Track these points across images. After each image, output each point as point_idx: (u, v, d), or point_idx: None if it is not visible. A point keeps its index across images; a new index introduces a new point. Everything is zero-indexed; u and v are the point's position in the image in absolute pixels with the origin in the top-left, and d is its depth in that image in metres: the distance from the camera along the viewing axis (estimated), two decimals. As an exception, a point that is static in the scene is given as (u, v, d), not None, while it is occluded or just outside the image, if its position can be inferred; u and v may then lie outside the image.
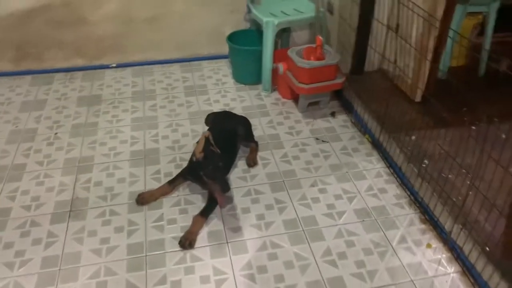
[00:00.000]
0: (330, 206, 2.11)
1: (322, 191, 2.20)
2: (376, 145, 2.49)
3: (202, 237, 1.95)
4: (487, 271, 1.69)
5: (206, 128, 2.55)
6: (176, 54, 3.40)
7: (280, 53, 2.90)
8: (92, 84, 3.13)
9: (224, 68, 3.33)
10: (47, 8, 3.02)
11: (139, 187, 2.23)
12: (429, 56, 2.47)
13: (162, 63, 3.38)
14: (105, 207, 2.11)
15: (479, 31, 2.94)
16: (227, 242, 1.93)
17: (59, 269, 1.82)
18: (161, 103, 2.93)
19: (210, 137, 2.04)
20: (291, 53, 2.68)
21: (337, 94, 2.89)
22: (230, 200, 2.14)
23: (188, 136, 2.60)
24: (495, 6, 2.75)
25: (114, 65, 3.33)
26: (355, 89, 2.80)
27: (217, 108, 2.83)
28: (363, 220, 2.03)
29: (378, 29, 2.71)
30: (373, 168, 2.35)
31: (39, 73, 3.23)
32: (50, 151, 2.49)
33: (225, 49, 3.35)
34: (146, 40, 3.30)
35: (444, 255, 1.86)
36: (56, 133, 2.63)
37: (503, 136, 2.36)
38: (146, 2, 3.15)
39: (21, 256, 1.87)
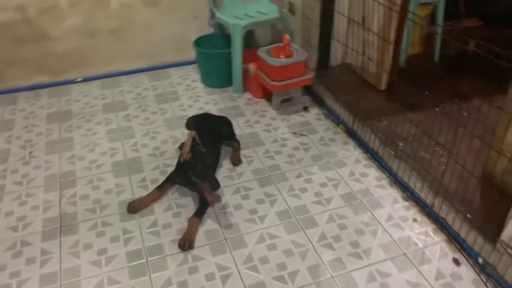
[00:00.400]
0: (317, 194, 2.20)
1: (308, 181, 2.29)
2: (351, 133, 2.61)
3: (200, 237, 1.99)
4: (471, 236, 1.84)
5: (186, 133, 2.59)
6: (142, 63, 3.39)
7: (247, 54, 2.98)
8: (59, 100, 3.07)
9: (192, 74, 3.37)
10: (7, 25, 2.94)
11: (128, 196, 2.22)
12: (391, 45, 2.63)
13: (128, 74, 3.36)
14: (96, 219, 2.09)
15: (430, 20, 3.16)
16: (225, 239, 1.97)
17: (60, 285, 1.79)
18: (134, 112, 2.92)
19: (197, 137, 2.08)
20: (261, 53, 2.76)
21: (307, 90, 3.00)
22: (218, 198, 2.18)
23: (167, 142, 2.62)
24: (445, -5, 2.97)
25: (79, 79, 3.28)
26: (323, 83, 2.93)
27: (191, 112, 2.86)
28: (351, 204, 2.14)
29: (342, 24, 2.85)
30: (351, 155, 2.47)
31: (2, 93, 3.13)
32: (28, 170, 2.43)
33: (190, 55, 3.39)
34: (111, 52, 3.28)
35: (429, 227, 1.99)
36: (30, 152, 2.57)
37: (465, 114, 2.57)
38: (109, 13, 3.13)
39: (17, 277, 1.83)
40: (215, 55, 3.07)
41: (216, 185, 1.98)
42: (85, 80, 3.29)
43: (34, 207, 2.17)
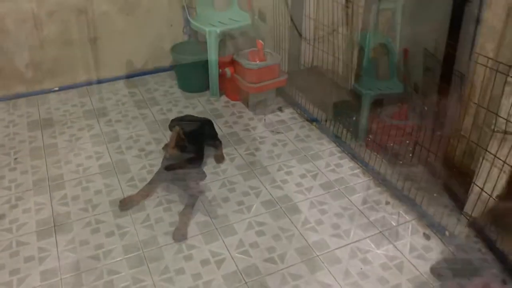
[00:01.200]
0: (298, 184, 2.37)
1: (288, 173, 2.46)
2: (324, 130, 2.81)
3: (192, 228, 2.11)
4: (438, 213, 2.06)
5: (169, 134, 2.70)
6: (119, 71, 3.48)
7: (221, 60, 3.13)
8: (38, 109, 3.12)
9: (168, 80, 3.49)
10: (-16, 36, 2.98)
11: (118, 195, 2.31)
12: (357, 48, 2.86)
13: (105, 82, 3.44)
14: (90, 217, 2.18)
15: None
16: (216, 228, 2.11)
17: (61, 279, 1.87)
18: (115, 118, 3.01)
19: (181, 132, 2.21)
20: (237, 57, 2.93)
21: (279, 91, 3.19)
22: (203, 192, 2.31)
23: (151, 144, 2.73)
24: (401, 2, 3.23)
25: (56, 88, 3.33)
26: (295, 84, 3.13)
27: (172, 116, 2.97)
28: (329, 191, 2.33)
29: (311, 28, 3.06)
30: (326, 148, 2.66)
31: (-21, 104, 3.15)
32: (15, 175, 2.47)
33: (166, 62, 3.52)
34: (88, 61, 3.35)
35: (401, 208, 2.20)
36: (15, 158, 2.61)
37: (425, 108, 2.83)
38: (85, 23, 3.21)
39: (17, 274, 1.89)
40: (193, 61, 3.20)
41: (202, 175, 2.11)
42: (62, 89, 3.34)
43: (26, 210, 2.23)
